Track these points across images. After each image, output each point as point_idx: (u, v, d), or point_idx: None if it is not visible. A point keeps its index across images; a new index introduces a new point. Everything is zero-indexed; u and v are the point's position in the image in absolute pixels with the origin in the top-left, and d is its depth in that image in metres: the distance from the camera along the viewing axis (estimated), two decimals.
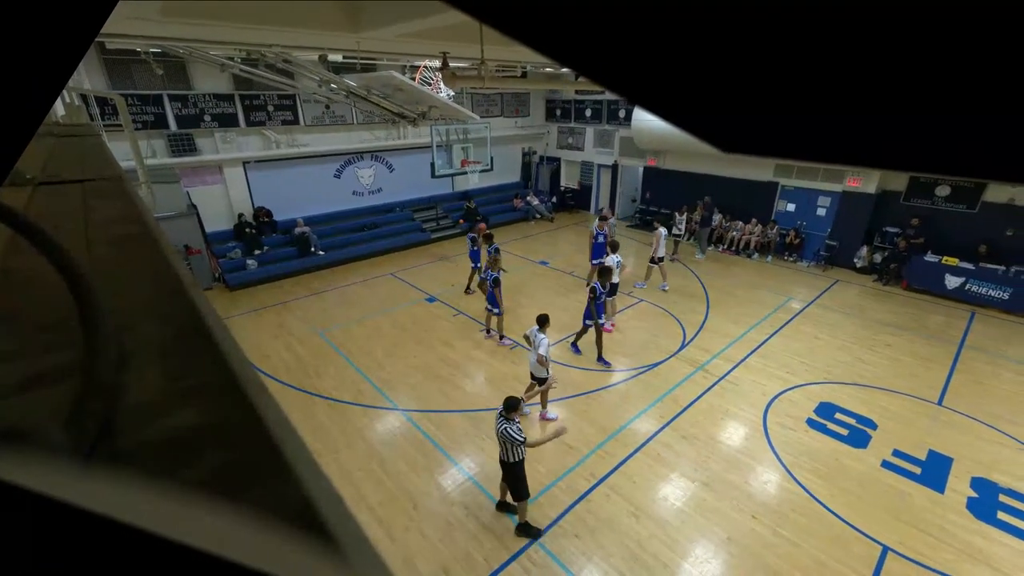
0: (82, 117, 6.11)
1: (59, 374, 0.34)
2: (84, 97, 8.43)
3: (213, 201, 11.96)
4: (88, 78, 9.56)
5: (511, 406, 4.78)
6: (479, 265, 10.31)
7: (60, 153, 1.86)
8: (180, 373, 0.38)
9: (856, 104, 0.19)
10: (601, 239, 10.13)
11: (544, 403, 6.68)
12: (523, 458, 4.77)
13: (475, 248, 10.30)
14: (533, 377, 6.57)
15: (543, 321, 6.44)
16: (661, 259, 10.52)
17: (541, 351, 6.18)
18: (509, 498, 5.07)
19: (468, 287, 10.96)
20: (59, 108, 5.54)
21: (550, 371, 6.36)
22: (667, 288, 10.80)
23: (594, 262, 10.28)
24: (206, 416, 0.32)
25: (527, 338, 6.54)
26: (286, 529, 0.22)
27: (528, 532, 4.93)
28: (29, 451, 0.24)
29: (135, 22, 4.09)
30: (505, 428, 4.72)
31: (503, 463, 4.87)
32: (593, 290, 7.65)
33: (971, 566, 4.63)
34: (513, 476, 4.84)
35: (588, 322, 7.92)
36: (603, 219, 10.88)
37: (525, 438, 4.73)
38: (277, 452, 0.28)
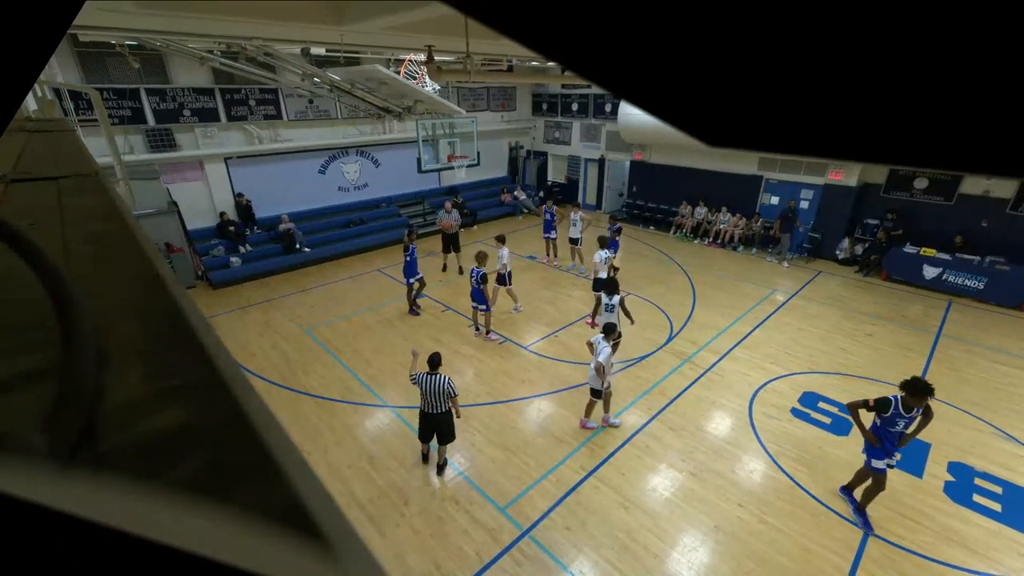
0: (55, 112, 5.93)
1: (37, 376, 0.33)
2: (57, 91, 8.18)
3: (195, 198, 11.71)
4: (61, 71, 9.26)
5: (438, 362, 5.43)
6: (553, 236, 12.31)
7: (33, 149, 1.80)
8: (163, 373, 0.37)
9: (837, 98, 0.19)
10: (548, 216, 12.37)
11: (607, 407, 6.37)
12: (454, 406, 5.51)
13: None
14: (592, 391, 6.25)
15: (609, 330, 6.22)
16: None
17: (601, 359, 5.82)
18: (437, 454, 5.77)
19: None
20: (31, 103, 5.36)
21: (607, 383, 6.08)
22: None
23: (544, 236, 12.57)
24: (191, 416, 0.32)
25: (591, 345, 6.17)
26: (275, 529, 0.22)
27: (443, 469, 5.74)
28: (8, 455, 0.24)
29: (108, 14, 3.97)
30: (445, 382, 5.32)
31: (430, 416, 5.49)
32: (882, 403, 4.66)
33: (948, 548, 4.78)
34: (448, 424, 5.54)
35: (878, 467, 4.84)
36: (544, 201, 13.43)
37: (457, 394, 5.50)
38: (265, 451, 0.28)
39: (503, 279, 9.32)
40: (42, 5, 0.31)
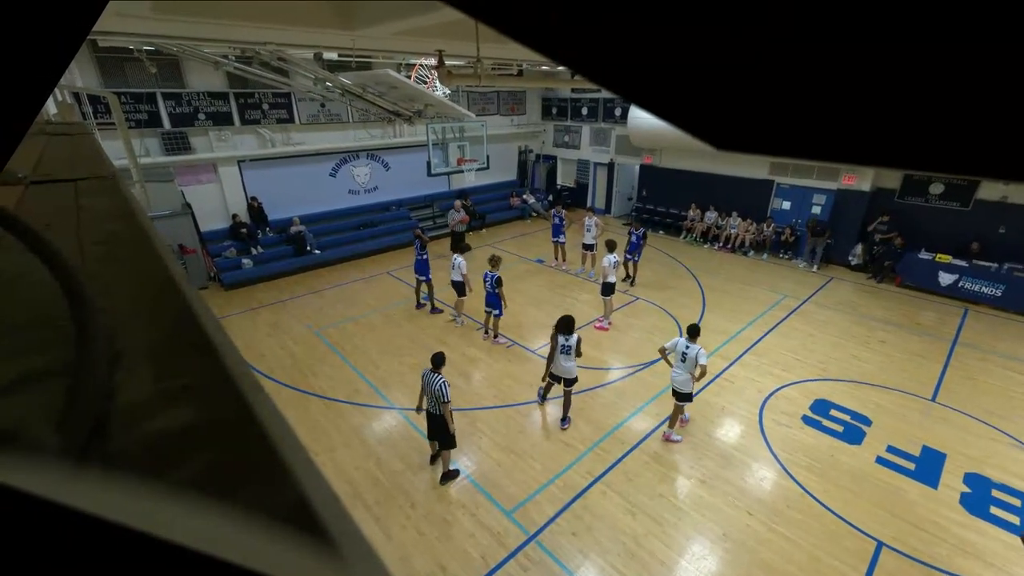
0: (74, 115, 6.05)
1: (50, 374, 0.34)
2: (76, 95, 8.36)
3: (208, 200, 11.88)
4: (80, 76, 9.46)
5: (440, 362, 5.44)
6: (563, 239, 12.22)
7: (52, 152, 1.84)
8: (174, 372, 0.37)
9: (848, 101, 0.19)
10: (557, 220, 12.22)
11: (673, 423, 6.23)
12: (444, 412, 5.38)
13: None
14: (675, 394, 6.08)
15: (693, 332, 5.95)
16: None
17: (703, 362, 5.76)
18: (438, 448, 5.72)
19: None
20: (51, 106, 5.48)
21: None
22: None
23: (553, 240, 12.38)
24: (200, 415, 0.32)
25: (664, 351, 6.11)
26: (282, 528, 0.22)
27: (452, 476, 5.66)
28: (21, 452, 0.24)
29: (126, 19, 4.05)
30: (439, 383, 5.28)
31: (431, 415, 5.52)
32: None
33: (963, 560, 4.67)
34: (444, 428, 5.42)
35: None
36: (553, 204, 13.59)
37: (449, 400, 5.34)
38: (273, 451, 0.28)
39: (462, 288, 8.98)
40: (63, 12, 0.32)
